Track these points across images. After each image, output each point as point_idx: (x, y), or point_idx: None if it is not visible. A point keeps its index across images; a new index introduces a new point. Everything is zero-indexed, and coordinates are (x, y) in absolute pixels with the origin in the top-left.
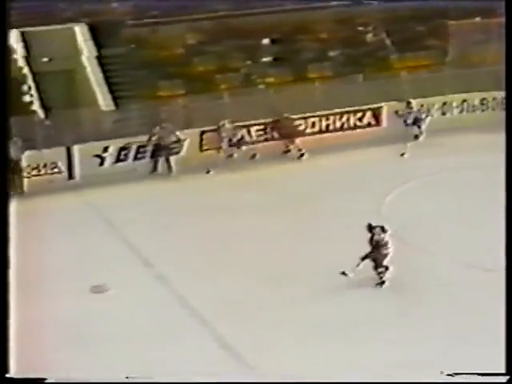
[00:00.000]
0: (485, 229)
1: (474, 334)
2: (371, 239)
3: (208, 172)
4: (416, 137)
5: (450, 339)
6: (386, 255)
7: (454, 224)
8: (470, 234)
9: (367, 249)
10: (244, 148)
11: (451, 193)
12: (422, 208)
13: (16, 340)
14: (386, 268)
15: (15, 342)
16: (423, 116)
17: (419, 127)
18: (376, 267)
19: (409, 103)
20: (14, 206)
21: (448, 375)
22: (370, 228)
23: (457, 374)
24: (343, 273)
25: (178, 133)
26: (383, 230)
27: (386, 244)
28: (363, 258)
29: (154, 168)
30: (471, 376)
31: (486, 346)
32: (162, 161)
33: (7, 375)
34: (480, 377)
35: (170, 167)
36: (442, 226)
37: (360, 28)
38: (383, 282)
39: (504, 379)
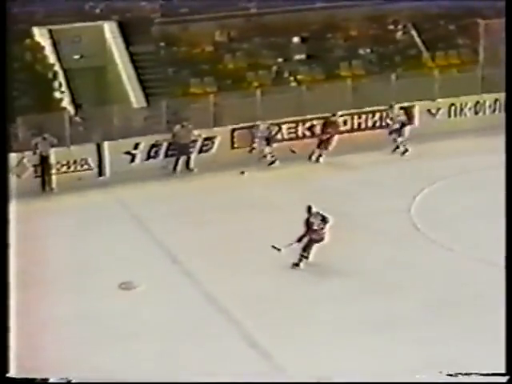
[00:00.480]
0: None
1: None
2: (307, 220)
3: (242, 173)
4: (397, 147)
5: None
6: (315, 241)
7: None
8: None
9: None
10: (275, 145)
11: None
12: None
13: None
14: (306, 256)
15: (42, 339)
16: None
17: (400, 135)
18: (303, 248)
19: (391, 106)
20: (43, 203)
21: (448, 375)
22: (309, 210)
23: (457, 374)
24: (274, 246)
25: (206, 130)
26: (323, 218)
27: (319, 231)
28: (299, 240)
29: (174, 168)
30: (471, 376)
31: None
32: (182, 160)
33: (7, 375)
34: (480, 377)
35: (188, 167)
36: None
37: (390, 26)
38: (297, 265)
39: (504, 379)
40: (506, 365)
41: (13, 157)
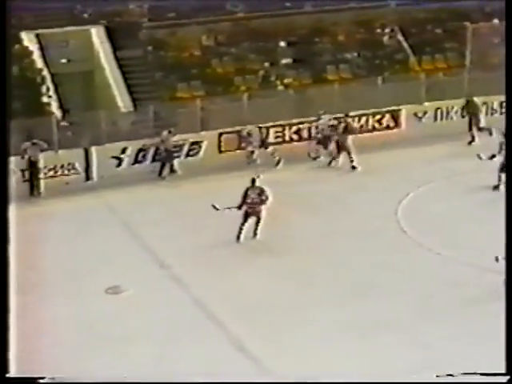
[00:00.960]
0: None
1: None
2: (245, 191)
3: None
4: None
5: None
6: (248, 214)
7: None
8: (486, 238)
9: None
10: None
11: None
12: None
13: (22, 340)
14: (241, 228)
15: (22, 343)
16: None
17: (326, 147)
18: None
19: (319, 116)
20: (31, 207)
21: (448, 375)
22: (252, 181)
23: (457, 374)
24: (214, 205)
25: (194, 135)
26: (260, 193)
27: (253, 205)
28: (238, 207)
29: (160, 173)
30: (471, 376)
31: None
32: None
33: (7, 375)
34: (480, 377)
35: (172, 169)
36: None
37: (377, 30)
38: (238, 238)
39: (504, 379)
40: (506, 365)
41: None
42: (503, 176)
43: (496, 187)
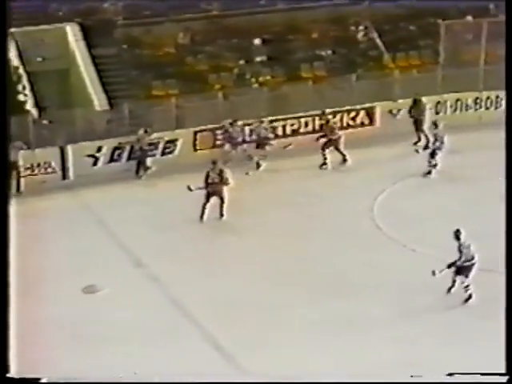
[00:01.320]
0: (477, 229)
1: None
2: (207, 172)
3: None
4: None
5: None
6: (211, 194)
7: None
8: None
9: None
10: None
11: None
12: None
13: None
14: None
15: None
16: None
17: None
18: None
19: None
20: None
21: (448, 375)
22: (213, 163)
23: (457, 373)
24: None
25: (169, 133)
26: (219, 173)
27: (213, 185)
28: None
29: (137, 172)
30: (471, 376)
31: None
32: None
33: (7, 375)
34: (480, 377)
35: (147, 168)
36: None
37: (351, 28)
38: (201, 217)
39: (504, 379)
40: (506, 365)
41: None
42: (433, 161)
43: (428, 173)
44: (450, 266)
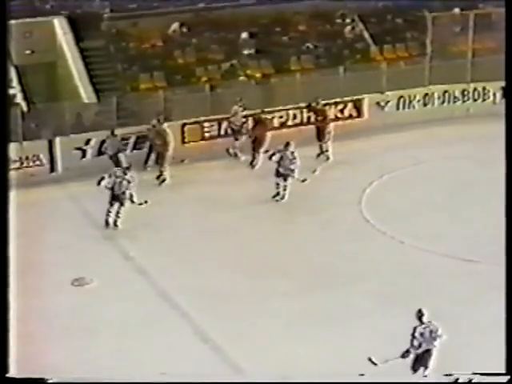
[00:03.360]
0: (464, 220)
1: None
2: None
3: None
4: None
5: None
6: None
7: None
8: (449, 226)
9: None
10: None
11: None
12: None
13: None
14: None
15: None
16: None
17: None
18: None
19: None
20: None
21: (448, 375)
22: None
23: (457, 373)
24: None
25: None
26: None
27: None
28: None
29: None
30: (471, 376)
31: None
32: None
33: (7, 375)
34: (480, 377)
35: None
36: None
37: (338, 20)
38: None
39: (504, 379)
40: (506, 365)
41: None
42: (281, 183)
43: (276, 195)
44: (403, 356)
